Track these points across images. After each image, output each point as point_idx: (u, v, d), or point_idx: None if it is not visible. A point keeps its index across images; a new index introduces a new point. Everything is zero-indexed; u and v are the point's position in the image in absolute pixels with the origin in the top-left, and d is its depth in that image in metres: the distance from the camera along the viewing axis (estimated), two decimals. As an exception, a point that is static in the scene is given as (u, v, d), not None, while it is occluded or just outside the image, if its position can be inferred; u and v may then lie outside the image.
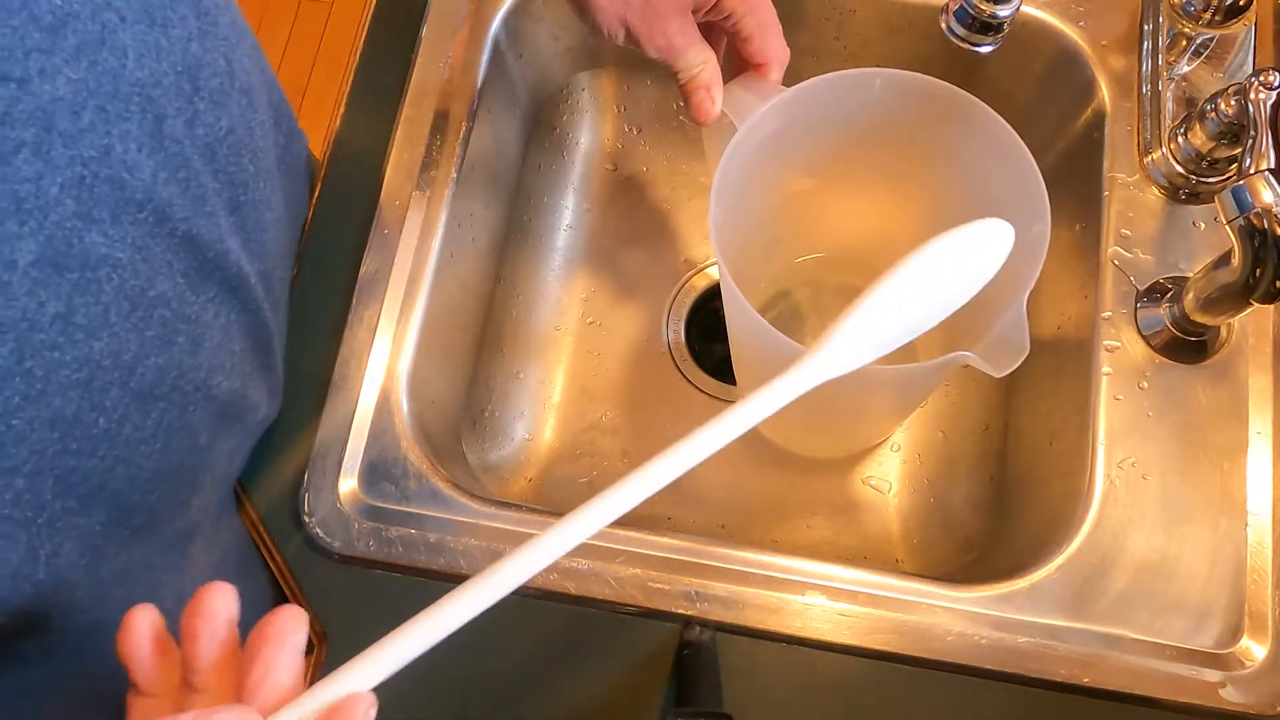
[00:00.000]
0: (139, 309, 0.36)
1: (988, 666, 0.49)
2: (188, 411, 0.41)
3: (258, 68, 0.47)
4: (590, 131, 0.74)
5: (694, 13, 0.48)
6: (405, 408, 0.54)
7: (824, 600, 0.50)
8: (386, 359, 0.55)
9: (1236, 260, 0.46)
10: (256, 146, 0.45)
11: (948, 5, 0.54)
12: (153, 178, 0.35)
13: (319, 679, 0.49)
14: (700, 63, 0.48)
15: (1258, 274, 0.45)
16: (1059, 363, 0.59)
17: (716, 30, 0.50)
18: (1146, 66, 0.59)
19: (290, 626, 0.30)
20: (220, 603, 0.30)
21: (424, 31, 0.61)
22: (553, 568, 0.51)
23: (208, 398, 0.43)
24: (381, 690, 0.41)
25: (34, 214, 0.30)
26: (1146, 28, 0.60)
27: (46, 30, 0.30)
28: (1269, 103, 0.47)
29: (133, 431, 0.38)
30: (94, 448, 0.36)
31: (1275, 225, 0.44)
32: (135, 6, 0.34)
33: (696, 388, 0.70)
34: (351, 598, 0.51)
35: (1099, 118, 0.59)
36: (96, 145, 0.32)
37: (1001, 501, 0.64)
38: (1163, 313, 0.54)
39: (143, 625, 0.30)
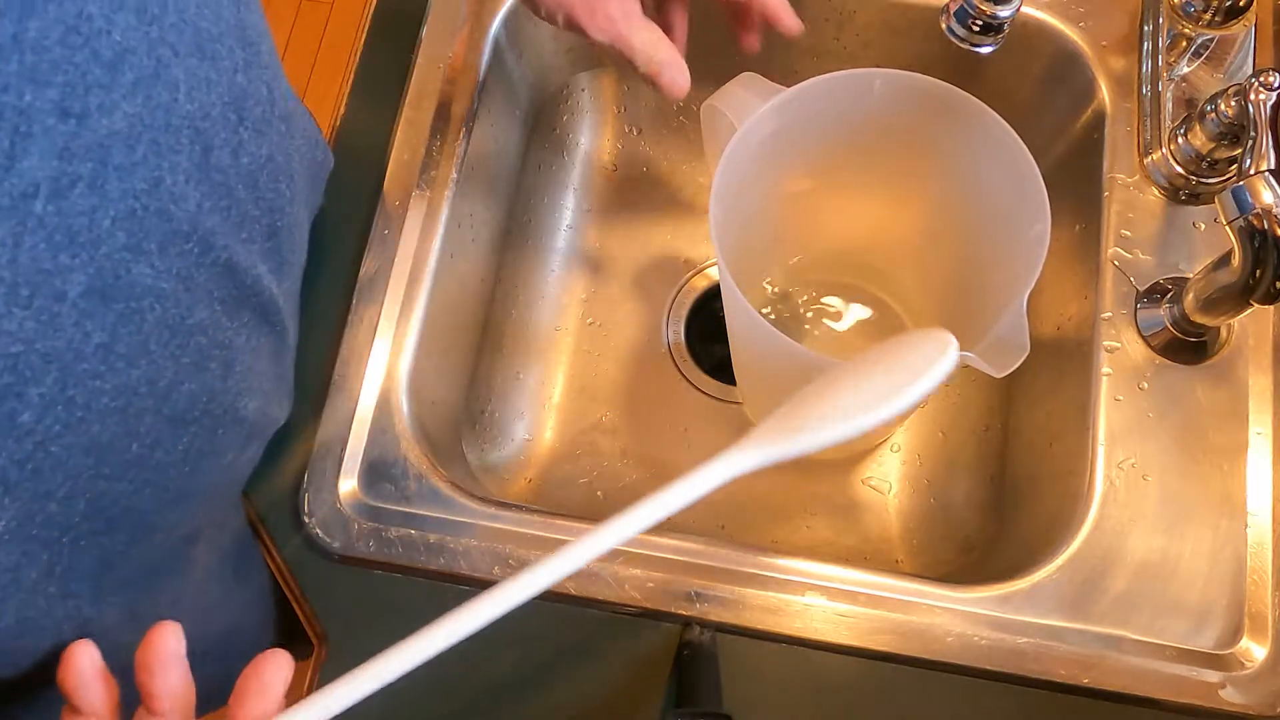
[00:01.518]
0: (177, 337, 0.36)
1: (987, 667, 0.49)
2: (217, 435, 0.42)
3: (290, 91, 0.47)
4: (590, 132, 0.74)
5: None
6: (405, 408, 0.54)
7: (824, 601, 0.50)
8: (386, 359, 0.55)
9: (1236, 261, 0.46)
10: (293, 171, 0.45)
11: (948, 6, 0.54)
12: (198, 208, 0.36)
13: (318, 679, 0.50)
14: (651, 42, 0.48)
15: (1258, 275, 0.45)
16: (1059, 363, 0.59)
17: (672, 10, 0.51)
18: (1146, 67, 0.59)
19: (273, 681, 0.35)
20: (170, 642, 0.34)
21: (424, 31, 0.61)
22: (553, 568, 0.51)
23: (236, 419, 0.43)
24: (382, 690, 0.41)
25: (86, 247, 0.30)
26: (1146, 28, 0.60)
27: (106, 66, 0.30)
28: (1269, 103, 0.47)
29: (164, 456, 0.38)
30: (125, 472, 0.37)
31: (1275, 226, 0.44)
32: (187, 40, 0.34)
33: (696, 388, 0.70)
34: (351, 598, 0.51)
35: (1099, 118, 0.59)
36: (148, 178, 0.32)
37: (1001, 502, 0.64)
38: (1163, 313, 0.54)
39: (84, 661, 0.34)
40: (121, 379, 0.34)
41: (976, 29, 0.53)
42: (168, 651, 0.34)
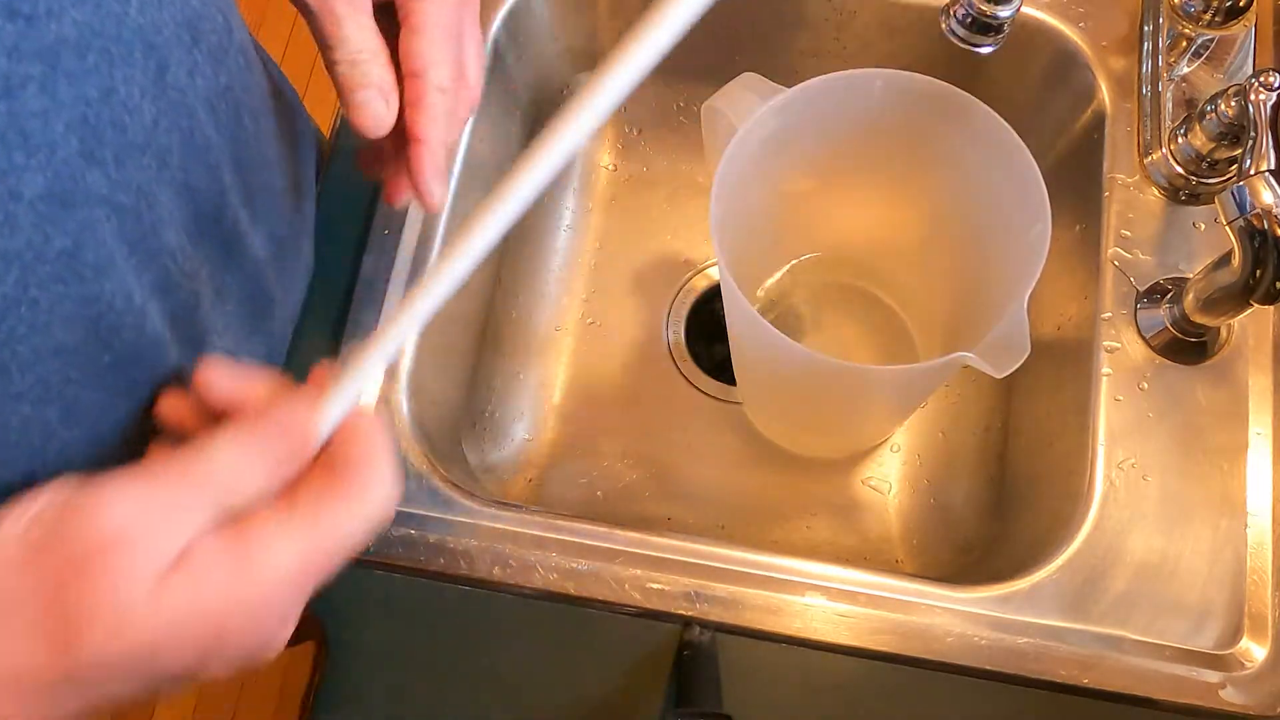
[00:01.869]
0: (142, 256, 0.37)
1: (987, 667, 0.49)
2: (190, 360, 0.42)
3: (252, 42, 0.46)
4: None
5: None
6: (405, 408, 0.54)
7: (824, 601, 0.50)
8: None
9: (1236, 261, 0.46)
10: (256, 109, 0.44)
11: (948, 6, 0.54)
12: (154, 124, 0.36)
13: (318, 683, 0.49)
14: (366, 50, 0.39)
15: (1258, 275, 0.45)
16: (1059, 363, 0.59)
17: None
18: (1146, 67, 0.59)
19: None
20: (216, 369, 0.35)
21: (424, 32, 0.61)
22: (553, 568, 0.51)
23: (205, 348, 0.44)
24: (382, 689, 0.41)
25: (41, 150, 0.31)
26: (1146, 29, 0.60)
27: None
28: (1269, 104, 0.47)
29: (138, 374, 0.39)
30: (98, 380, 0.37)
31: (1275, 226, 0.44)
32: None
33: (696, 388, 0.70)
34: (351, 598, 0.51)
35: (1099, 119, 0.59)
36: (100, 86, 0.33)
37: (1001, 502, 0.64)
38: (1163, 313, 0.54)
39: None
40: (91, 289, 0.34)
41: (976, 29, 0.53)
42: (220, 370, 0.35)
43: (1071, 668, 0.49)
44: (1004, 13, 0.52)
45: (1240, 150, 0.47)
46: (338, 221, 0.57)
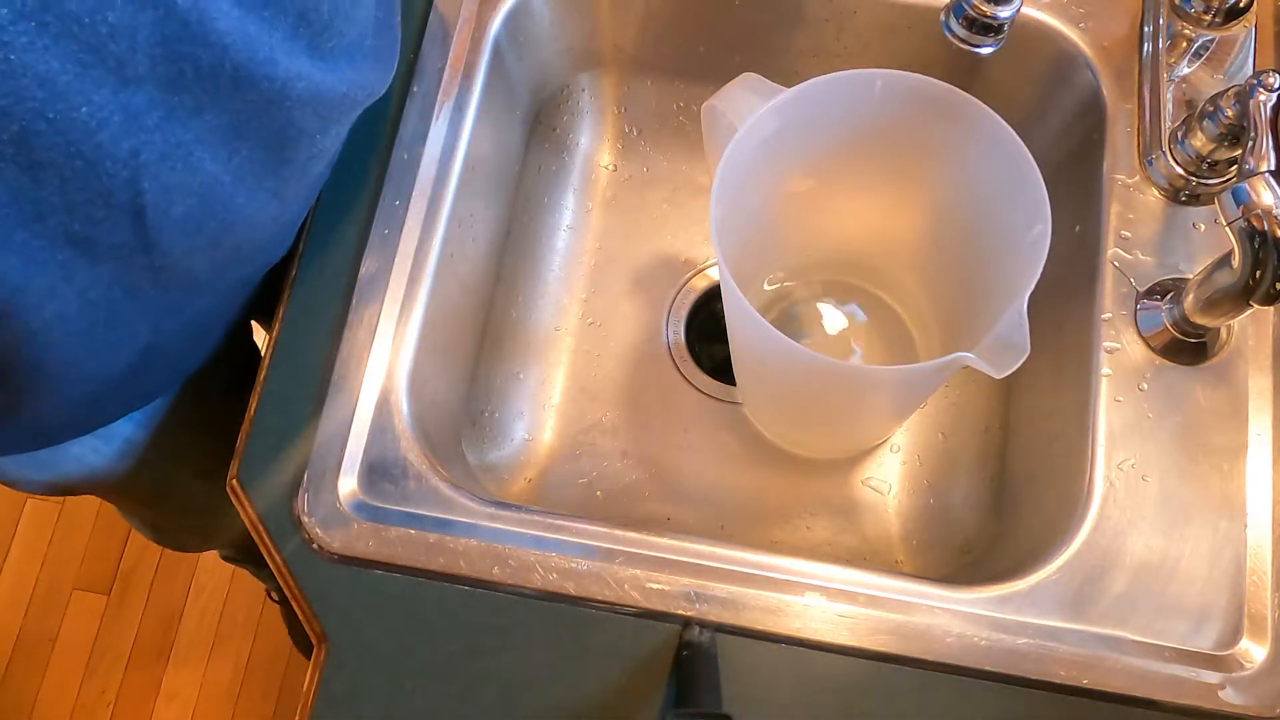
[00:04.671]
0: None
1: (987, 668, 0.49)
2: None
3: None
4: (590, 132, 0.74)
5: None
6: (405, 408, 0.54)
7: (823, 601, 0.50)
8: (386, 359, 0.55)
9: (1236, 262, 0.46)
10: None
11: (948, 6, 0.54)
12: None
13: (318, 679, 0.50)
14: None
15: (1258, 275, 0.45)
16: (1059, 364, 0.59)
17: None
18: (1147, 68, 0.59)
19: None
20: None
21: (424, 32, 0.61)
22: (553, 568, 0.51)
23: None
24: (382, 689, 0.41)
25: None
26: (1147, 29, 0.60)
27: None
28: (1269, 104, 0.47)
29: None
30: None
31: (1275, 227, 0.44)
32: None
33: (696, 388, 0.70)
34: (351, 598, 0.51)
35: (1099, 119, 0.59)
36: None
37: (1001, 503, 0.64)
38: (1163, 314, 0.54)
39: None
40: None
41: (976, 29, 0.53)
42: None
43: (1071, 668, 0.49)
44: (1004, 13, 0.52)
45: (1240, 151, 0.47)
46: (338, 221, 0.57)
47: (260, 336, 0.70)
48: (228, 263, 0.50)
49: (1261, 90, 0.48)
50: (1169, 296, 0.54)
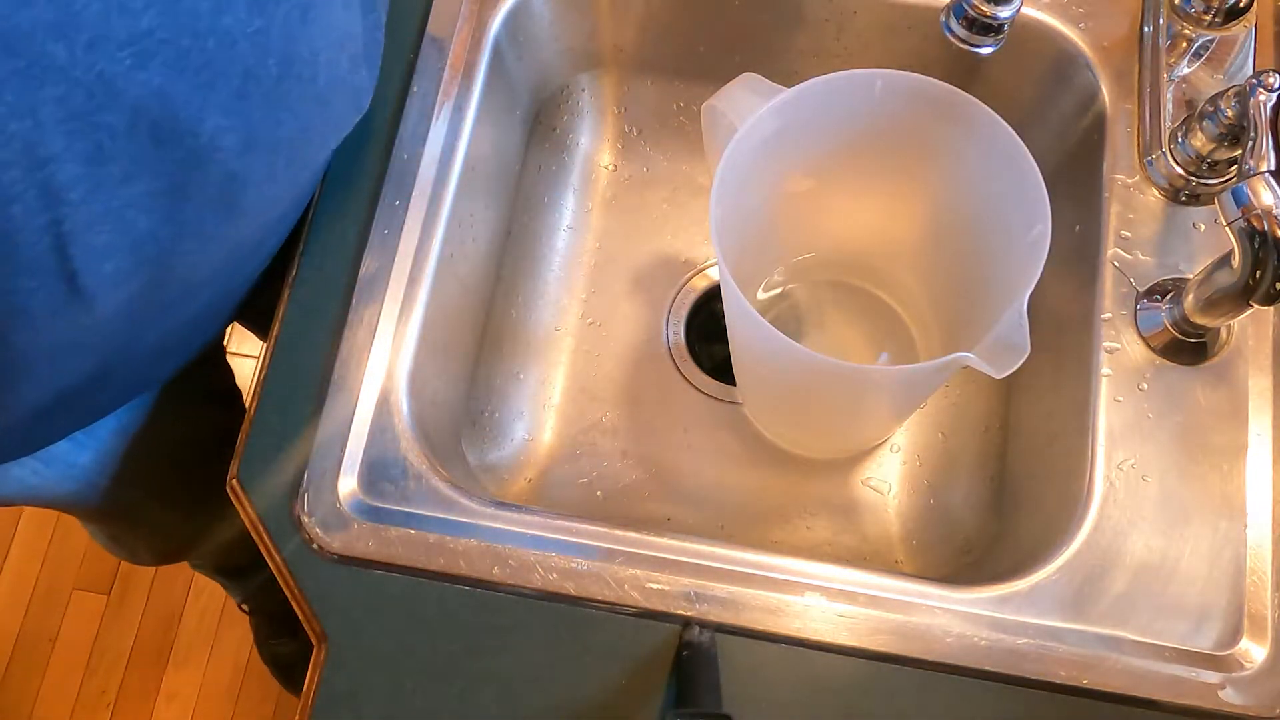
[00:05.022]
0: None
1: (987, 668, 0.49)
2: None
3: None
4: (590, 132, 0.74)
5: None
6: (405, 408, 0.54)
7: (823, 601, 0.50)
8: (386, 359, 0.55)
9: (1236, 262, 0.46)
10: None
11: (948, 6, 0.54)
12: None
13: (318, 683, 0.50)
14: None
15: (1257, 275, 0.45)
16: (1059, 364, 0.59)
17: None
18: (1147, 68, 0.59)
19: None
20: None
21: (424, 32, 0.61)
22: (553, 568, 0.51)
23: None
24: (382, 689, 0.41)
25: None
26: (1147, 29, 0.60)
27: None
28: (1269, 104, 0.47)
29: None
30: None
31: (1275, 227, 0.44)
32: None
33: (696, 388, 0.70)
34: (351, 598, 0.51)
35: (1099, 119, 0.59)
36: None
37: (1001, 503, 0.64)
38: (1163, 314, 0.54)
39: None
40: None
41: (976, 29, 0.53)
42: None
43: (1071, 668, 0.49)
44: (1004, 14, 0.52)
45: (1240, 151, 0.47)
46: (338, 221, 0.57)
47: (250, 344, 0.69)
48: (178, 299, 0.49)
49: (1261, 90, 0.48)
50: (1169, 296, 0.54)
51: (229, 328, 0.68)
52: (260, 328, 0.68)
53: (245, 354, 1.23)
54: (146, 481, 0.71)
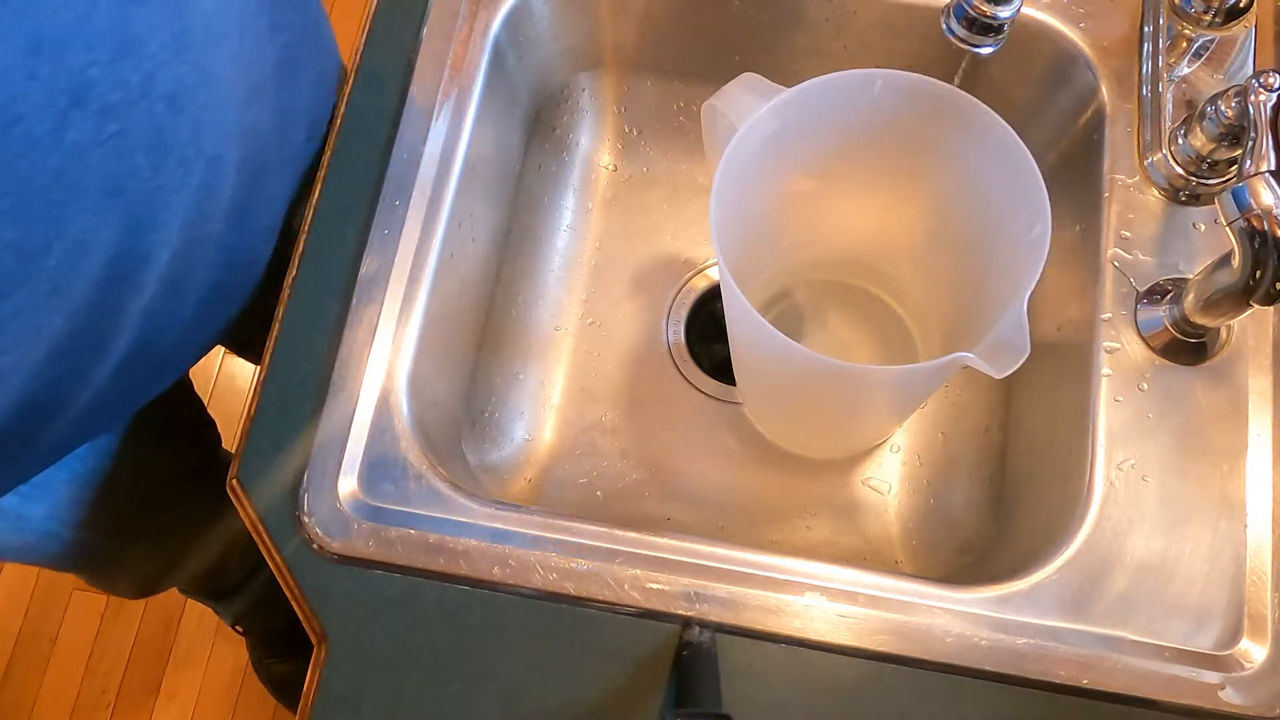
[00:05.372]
0: None
1: (987, 668, 0.49)
2: None
3: None
4: (590, 132, 0.74)
5: None
6: (405, 408, 0.54)
7: (823, 601, 0.50)
8: (386, 359, 0.55)
9: (1236, 262, 0.46)
10: None
11: (948, 6, 0.54)
12: None
13: (318, 683, 0.50)
14: None
15: (1258, 276, 0.45)
16: (1059, 364, 0.59)
17: None
18: (1147, 68, 0.59)
19: None
20: None
21: (424, 32, 0.61)
22: (553, 568, 0.51)
23: None
24: (382, 689, 0.41)
25: None
26: (1147, 29, 0.60)
27: None
28: (1269, 104, 0.47)
29: None
30: None
31: (1275, 227, 0.44)
32: None
33: (696, 388, 0.70)
34: (351, 598, 0.51)
35: (1099, 119, 0.59)
36: None
37: (1001, 503, 0.64)
38: (1163, 314, 0.54)
39: None
40: None
41: (976, 29, 0.53)
42: None
43: (1071, 668, 0.49)
44: (1004, 14, 0.52)
45: (1240, 151, 0.47)
46: (338, 221, 0.57)
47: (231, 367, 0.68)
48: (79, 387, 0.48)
49: (1261, 90, 0.48)
50: (1169, 296, 0.54)
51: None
52: (253, 355, 0.66)
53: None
54: (110, 527, 0.69)
